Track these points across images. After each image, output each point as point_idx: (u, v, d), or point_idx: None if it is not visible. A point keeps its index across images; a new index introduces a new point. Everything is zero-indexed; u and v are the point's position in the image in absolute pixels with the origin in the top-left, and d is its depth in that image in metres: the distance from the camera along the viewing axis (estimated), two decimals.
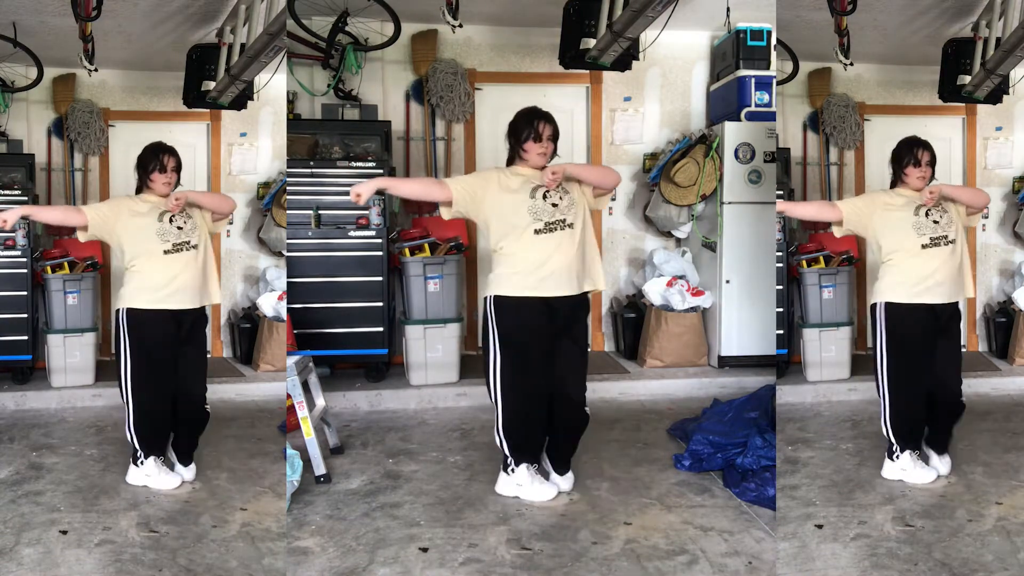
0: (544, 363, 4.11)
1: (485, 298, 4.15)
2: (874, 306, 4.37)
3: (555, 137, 4.17)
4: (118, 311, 4.35)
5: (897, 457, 4.34)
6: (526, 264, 4.04)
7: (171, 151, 4.44)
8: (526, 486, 4.13)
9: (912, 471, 4.32)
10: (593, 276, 4.19)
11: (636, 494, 4.19)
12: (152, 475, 4.37)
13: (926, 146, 4.38)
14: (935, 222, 4.28)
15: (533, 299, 4.04)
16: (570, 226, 4.08)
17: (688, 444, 4.62)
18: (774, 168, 6.46)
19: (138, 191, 4.50)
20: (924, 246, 4.26)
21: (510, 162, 4.23)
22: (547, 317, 4.06)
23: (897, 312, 4.30)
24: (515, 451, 4.14)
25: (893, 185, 4.47)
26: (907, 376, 4.33)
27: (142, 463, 4.39)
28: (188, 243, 4.35)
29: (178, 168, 4.45)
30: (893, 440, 4.35)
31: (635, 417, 5.60)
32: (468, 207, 4.12)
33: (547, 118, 4.16)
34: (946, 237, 4.27)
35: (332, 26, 6.29)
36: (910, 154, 4.36)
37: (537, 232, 4.04)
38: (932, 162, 4.36)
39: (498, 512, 3.97)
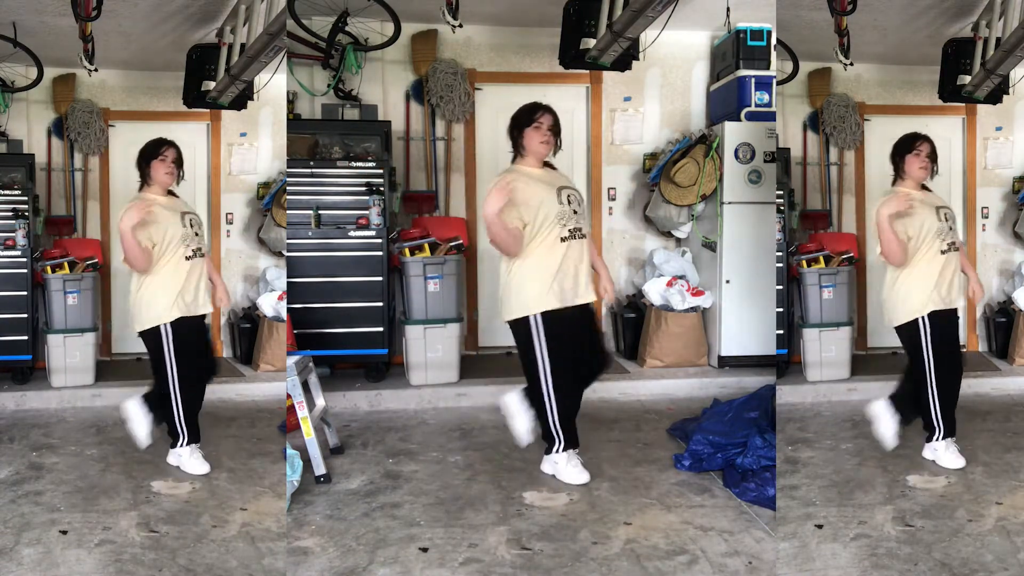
0: None
1: None
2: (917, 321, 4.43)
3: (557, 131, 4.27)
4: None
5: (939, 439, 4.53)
6: None
7: (170, 143, 4.51)
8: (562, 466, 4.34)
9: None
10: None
11: (636, 494, 4.18)
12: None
13: (928, 139, 4.46)
14: (950, 228, 4.43)
15: None
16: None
17: (688, 444, 4.61)
18: (774, 168, 6.46)
19: (141, 188, 4.54)
20: (942, 252, 4.40)
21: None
22: None
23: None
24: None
25: (894, 182, 4.53)
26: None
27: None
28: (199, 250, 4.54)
29: (178, 162, 4.52)
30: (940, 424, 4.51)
31: (635, 417, 5.60)
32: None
33: (550, 110, 4.27)
34: (953, 244, 4.43)
35: (332, 26, 6.29)
36: (912, 146, 4.44)
37: (563, 240, 4.19)
38: (932, 155, 4.44)
39: (498, 512, 3.96)
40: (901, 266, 4.38)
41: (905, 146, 4.46)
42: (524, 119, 4.22)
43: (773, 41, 6.44)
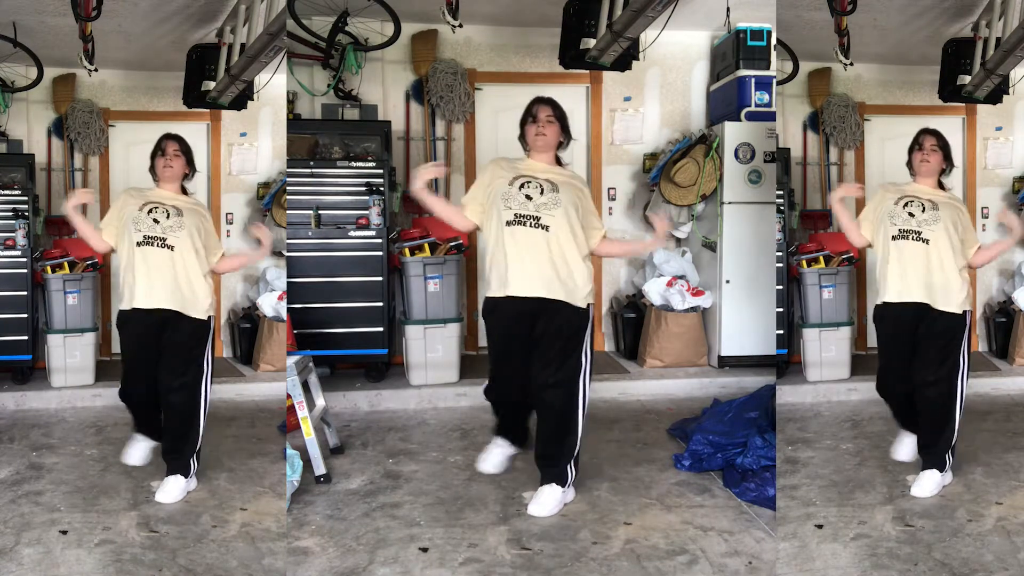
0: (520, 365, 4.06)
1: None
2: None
3: (557, 120, 4.05)
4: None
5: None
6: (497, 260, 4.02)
7: (174, 137, 4.37)
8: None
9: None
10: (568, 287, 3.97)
11: (636, 494, 4.18)
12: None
13: (931, 131, 4.34)
14: (911, 215, 4.18)
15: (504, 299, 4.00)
16: (544, 227, 3.93)
17: (688, 444, 4.61)
18: (774, 168, 6.45)
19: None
20: (893, 237, 4.20)
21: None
22: (518, 319, 3.99)
23: (878, 309, 4.32)
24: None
25: None
26: (885, 376, 4.37)
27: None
28: (163, 240, 4.17)
29: (183, 152, 4.34)
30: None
31: (635, 417, 5.59)
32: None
33: (547, 101, 4.08)
34: (919, 233, 4.15)
35: (332, 26, 6.28)
36: (915, 141, 4.33)
37: (508, 223, 3.95)
38: (938, 147, 4.28)
39: (498, 512, 3.96)
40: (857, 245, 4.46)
41: (912, 143, 4.36)
42: (524, 116, 4.12)
43: (773, 41, 6.43)
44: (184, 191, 4.42)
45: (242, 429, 5.44)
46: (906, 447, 4.53)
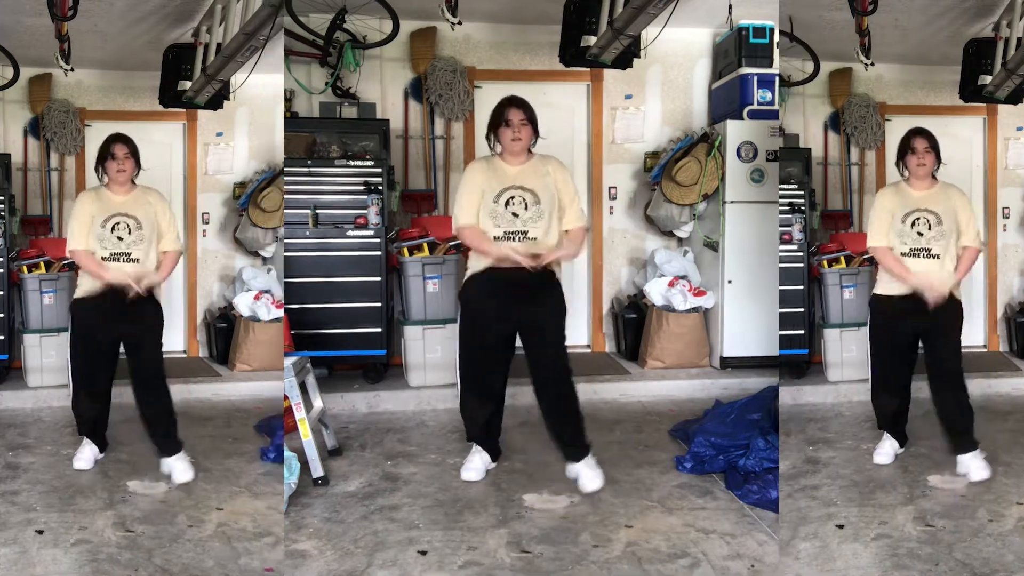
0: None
1: None
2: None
3: (529, 122, 4.18)
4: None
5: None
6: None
7: (121, 139, 4.47)
8: None
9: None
10: None
11: (637, 496, 4.12)
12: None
13: (922, 132, 4.41)
14: (919, 234, 4.33)
15: None
16: (532, 240, 4.09)
17: (690, 446, 4.56)
18: (776, 167, 6.38)
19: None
20: (903, 255, 4.37)
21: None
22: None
23: (880, 302, 4.51)
24: None
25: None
26: (885, 385, 4.65)
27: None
28: (127, 255, 4.37)
29: (132, 154, 4.45)
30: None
31: (636, 419, 5.53)
32: None
33: (518, 103, 4.19)
34: (928, 250, 4.33)
35: (330, 23, 6.24)
36: (907, 143, 4.42)
37: (497, 239, 4.10)
38: (931, 148, 4.37)
39: (497, 515, 3.90)
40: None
41: (904, 145, 4.44)
42: (496, 117, 4.22)
43: (776, 38, 6.38)
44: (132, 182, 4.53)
45: (218, 429, 5.42)
46: (887, 450, 4.65)
